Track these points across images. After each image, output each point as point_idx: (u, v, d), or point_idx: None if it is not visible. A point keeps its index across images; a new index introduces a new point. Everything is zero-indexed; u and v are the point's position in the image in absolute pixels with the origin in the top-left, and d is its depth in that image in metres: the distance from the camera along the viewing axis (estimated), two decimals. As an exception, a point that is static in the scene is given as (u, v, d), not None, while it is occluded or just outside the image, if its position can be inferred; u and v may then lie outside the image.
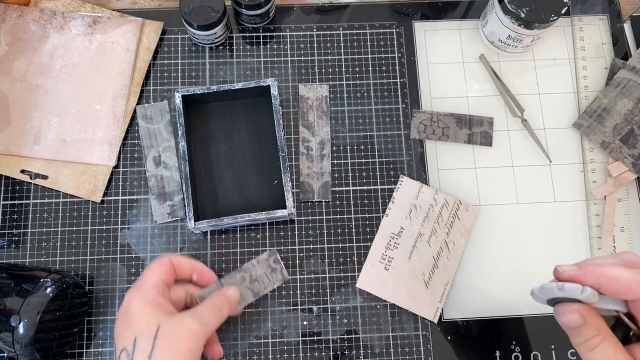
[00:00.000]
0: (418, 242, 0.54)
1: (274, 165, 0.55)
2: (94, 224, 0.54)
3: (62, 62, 0.57)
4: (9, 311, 0.44)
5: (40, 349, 0.45)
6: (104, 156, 0.55)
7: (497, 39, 0.58)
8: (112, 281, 0.53)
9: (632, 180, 0.56)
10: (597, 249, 0.55)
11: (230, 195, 0.55)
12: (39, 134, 0.55)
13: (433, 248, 0.54)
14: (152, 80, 0.58)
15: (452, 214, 0.55)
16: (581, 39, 0.61)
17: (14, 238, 0.53)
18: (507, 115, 0.58)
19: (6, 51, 0.57)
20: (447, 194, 0.55)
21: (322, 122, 0.57)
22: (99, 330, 0.52)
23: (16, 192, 0.54)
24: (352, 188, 0.56)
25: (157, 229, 0.54)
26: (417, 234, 0.54)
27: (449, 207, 0.55)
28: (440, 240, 0.54)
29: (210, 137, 0.56)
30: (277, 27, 0.60)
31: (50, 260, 0.53)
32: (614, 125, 0.57)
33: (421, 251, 0.54)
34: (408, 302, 0.52)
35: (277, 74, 0.59)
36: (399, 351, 0.52)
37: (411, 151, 0.57)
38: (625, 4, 0.62)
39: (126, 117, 0.56)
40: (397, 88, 0.59)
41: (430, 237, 0.54)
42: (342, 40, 0.60)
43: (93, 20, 0.58)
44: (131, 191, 0.55)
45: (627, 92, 0.57)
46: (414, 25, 0.61)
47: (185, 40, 0.59)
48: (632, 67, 0.58)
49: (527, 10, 0.53)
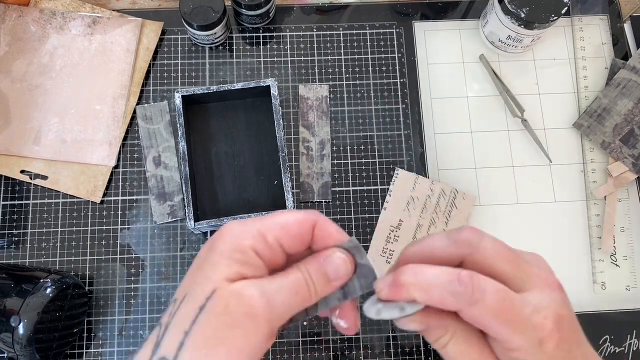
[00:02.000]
0: (418, 233, 0.54)
1: (274, 165, 0.55)
2: (94, 224, 0.54)
3: (62, 62, 0.57)
4: (8, 311, 0.44)
5: (40, 349, 0.44)
6: (103, 156, 0.55)
7: (497, 39, 0.58)
8: (111, 281, 0.53)
9: (632, 181, 0.56)
10: (598, 249, 0.55)
11: (230, 196, 0.55)
12: (39, 134, 0.55)
13: None
14: (152, 80, 0.58)
15: (450, 203, 0.55)
16: (581, 39, 0.61)
17: (13, 238, 0.53)
18: (507, 115, 0.58)
19: (6, 51, 0.56)
20: (443, 184, 0.55)
21: (322, 122, 0.57)
22: (99, 330, 0.52)
23: (16, 192, 0.54)
24: (352, 188, 0.56)
25: (157, 229, 0.54)
26: (416, 226, 0.54)
27: (446, 197, 0.55)
28: (439, 230, 0.54)
29: (210, 137, 0.56)
30: (277, 27, 0.60)
31: (50, 260, 0.53)
32: (614, 125, 0.57)
33: (421, 244, 0.54)
34: None
35: (277, 74, 0.59)
36: (399, 351, 0.52)
37: (411, 151, 0.57)
38: (625, 4, 0.62)
39: (126, 117, 0.56)
40: (397, 88, 0.59)
41: (429, 227, 0.54)
42: (342, 41, 0.60)
43: (93, 20, 0.58)
44: (131, 191, 0.55)
45: (627, 92, 0.57)
46: (414, 25, 0.61)
47: (185, 41, 0.59)
48: (632, 67, 0.58)
49: (527, 10, 0.53)
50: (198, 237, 0.54)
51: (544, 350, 0.28)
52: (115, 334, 0.51)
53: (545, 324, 0.28)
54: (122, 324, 0.52)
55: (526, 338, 0.28)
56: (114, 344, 0.51)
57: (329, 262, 0.31)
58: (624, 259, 0.55)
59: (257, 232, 0.30)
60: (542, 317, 0.28)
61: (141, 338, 0.51)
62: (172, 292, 0.53)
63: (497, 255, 0.30)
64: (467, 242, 0.30)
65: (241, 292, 0.29)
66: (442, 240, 0.31)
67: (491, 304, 0.28)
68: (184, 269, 0.53)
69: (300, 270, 0.31)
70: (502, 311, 0.28)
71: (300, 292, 0.30)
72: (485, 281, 0.28)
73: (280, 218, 0.31)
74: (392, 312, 0.30)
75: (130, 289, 0.53)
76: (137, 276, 0.53)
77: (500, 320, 0.28)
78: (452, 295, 0.28)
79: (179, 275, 0.53)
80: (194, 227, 0.51)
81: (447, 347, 0.31)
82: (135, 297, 0.52)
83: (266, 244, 0.30)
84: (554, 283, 0.30)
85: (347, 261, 0.31)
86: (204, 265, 0.30)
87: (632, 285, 0.54)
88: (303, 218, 0.31)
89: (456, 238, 0.31)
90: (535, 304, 0.28)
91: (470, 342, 0.30)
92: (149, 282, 0.53)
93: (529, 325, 0.28)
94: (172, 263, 0.53)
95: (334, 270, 0.31)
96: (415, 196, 0.55)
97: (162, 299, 0.52)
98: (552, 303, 0.29)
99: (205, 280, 0.29)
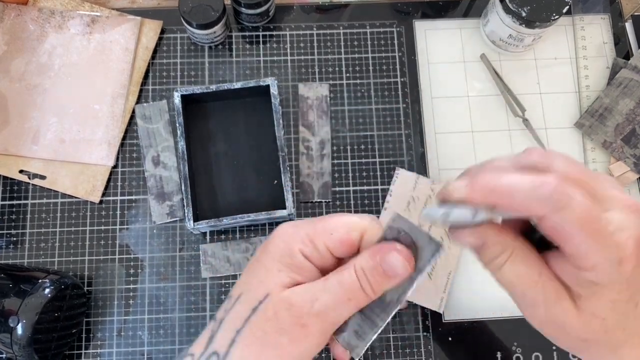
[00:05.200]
0: None
1: (273, 165, 0.55)
2: (93, 224, 0.54)
3: (60, 61, 0.57)
4: (7, 312, 0.44)
5: (38, 349, 0.44)
6: (102, 156, 0.55)
7: (498, 38, 0.58)
8: (110, 282, 0.53)
9: (634, 181, 0.56)
10: (599, 249, 0.55)
11: (229, 196, 0.54)
12: (38, 133, 0.55)
13: None
14: (151, 79, 0.58)
15: None
16: (582, 38, 0.60)
17: (12, 238, 0.53)
18: (508, 115, 0.58)
19: (4, 50, 0.56)
20: None
21: (322, 121, 0.57)
22: (98, 331, 0.51)
23: (14, 192, 0.54)
24: (352, 188, 0.56)
25: (156, 229, 0.54)
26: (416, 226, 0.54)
27: None
28: (440, 230, 0.54)
29: (209, 136, 0.56)
30: (277, 26, 0.60)
31: (49, 260, 0.53)
32: (615, 125, 0.56)
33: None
34: (412, 293, 0.52)
35: (277, 73, 0.58)
36: (399, 352, 0.52)
37: (412, 151, 0.57)
38: (627, 4, 0.61)
39: (125, 116, 0.56)
40: (398, 87, 0.58)
41: (430, 227, 0.54)
42: (342, 40, 0.60)
43: (92, 19, 0.57)
44: (130, 191, 0.55)
45: (629, 92, 0.57)
46: (415, 24, 0.61)
47: (185, 40, 0.59)
48: (634, 66, 0.57)
49: (529, 10, 0.53)
50: (197, 237, 0.54)
51: (622, 270, 0.26)
52: (114, 334, 0.51)
53: (628, 244, 0.26)
54: (120, 324, 0.52)
55: (607, 255, 0.26)
56: (112, 344, 0.51)
57: (386, 261, 0.30)
58: (625, 259, 0.55)
59: (306, 236, 0.30)
60: (625, 236, 0.26)
61: (140, 338, 0.51)
62: (172, 292, 0.52)
63: (573, 176, 0.27)
64: (534, 166, 0.28)
65: (292, 301, 0.29)
66: (507, 167, 0.28)
67: (579, 212, 0.26)
68: (183, 269, 0.53)
69: (355, 270, 0.29)
70: (588, 222, 0.26)
71: (354, 297, 0.29)
72: (573, 188, 0.26)
73: (330, 223, 0.31)
74: (465, 214, 0.27)
75: (129, 289, 0.52)
76: (136, 276, 0.53)
77: (585, 231, 0.26)
78: (537, 199, 0.26)
79: (177, 276, 0.53)
80: (193, 227, 0.50)
81: (504, 268, 0.29)
82: (134, 298, 0.52)
83: (315, 249, 0.30)
84: (633, 205, 0.27)
85: (405, 261, 0.30)
86: (258, 268, 0.31)
87: (634, 286, 0.54)
88: (352, 223, 0.31)
89: (523, 163, 0.28)
90: (618, 222, 0.26)
91: (529, 263, 0.28)
92: (147, 283, 0.53)
93: (612, 242, 0.26)
94: (171, 263, 0.53)
95: (391, 268, 0.30)
96: (416, 196, 0.55)
97: (161, 299, 0.52)
98: (635, 224, 0.27)
99: (259, 283, 0.30)
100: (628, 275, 0.26)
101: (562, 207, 0.26)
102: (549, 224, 0.26)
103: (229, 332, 0.30)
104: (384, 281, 0.30)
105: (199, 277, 0.53)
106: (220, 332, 0.30)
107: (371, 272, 0.30)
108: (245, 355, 0.29)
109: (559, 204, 0.26)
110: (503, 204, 0.27)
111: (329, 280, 0.30)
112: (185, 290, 0.53)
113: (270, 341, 0.29)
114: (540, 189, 0.26)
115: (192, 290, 0.53)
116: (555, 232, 0.27)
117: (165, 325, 0.52)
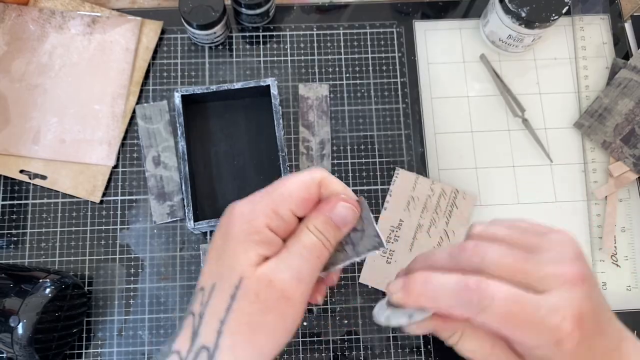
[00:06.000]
0: (418, 234, 0.54)
1: (273, 165, 0.55)
2: (93, 224, 0.54)
3: (61, 61, 0.57)
4: (8, 312, 0.44)
5: (39, 349, 0.44)
6: (103, 156, 0.55)
7: (497, 39, 0.58)
8: (111, 282, 0.53)
9: (633, 181, 0.56)
10: (599, 249, 0.55)
11: (229, 196, 0.55)
12: (38, 134, 0.55)
13: (433, 238, 0.54)
14: (152, 79, 0.58)
15: (450, 203, 0.55)
16: (582, 38, 0.60)
17: (12, 238, 0.53)
18: (507, 115, 0.58)
19: (5, 51, 0.56)
20: (444, 184, 0.55)
21: (322, 122, 0.57)
22: (98, 330, 0.51)
23: (15, 192, 0.54)
24: (353, 188, 0.56)
25: (157, 229, 0.54)
26: (416, 226, 0.54)
27: (447, 197, 0.55)
28: (439, 230, 0.54)
29: (209, 137, 0.56)
30: (277, 26, 0.60)
31: (49, 260, 0.53)
32: (615, 125, 0.57)
33: (422, 242, 0.54)
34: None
35: (277, 73, 0.58)
36: (399, 352, 0.52)
37: (411, 151, 0.57)
38: (626, 4, 0.62)
39: (125, 117, 0.56)
40: (398, 88, 0.59)
41: (429, 227, 0.54)
42: (342, 40, 0.60)
43: (92, 19, 0.58)
44: (130, 191, 0.55)
45: (628, 92, 0.57)
46: (415, 24, 0.61)
47: (185, 40, 0.59)
48: (633, 66, 0.57)
49: (528, 10, 0.53)
50: (197, 237, 0.54)
51: (562, 350, 0.27)
52: (114, 334, 0.51)
53: (563, 325, 0.27)
54: (121, 324, 0.52)
55: (542, 339, 0.27)
56: (113, 344, 0.51)
57: (335, 213, 0.31)
58: (624, 259, 0.55)
59: (268, 208, 0.30)
60: (559, 318, 0.27)
61: (140, 338, 0.51)
62: (172, 292, 0.53)
63: (504, 269, 0.29)
64: (468, 263, 0.29)
65: (270, 277, 0.29)
66: (445, 260, 0.31)
67: (500, 311, 0.27)
68: (184, 269, 0.53)
69: (311, 232, 0.31)
70: (511, 316, 0.27)
71: (321, 254, 0.31)
72: (495, 286, 0.27)
73: (286, 187, 0.31)
74: (401, 319, 0.31)
75: (129, 289, 0.52)
76: (137, 276, 0.53)
77: (510, 325, 0.27)
78: (460, 304, 0.28)
79: (178, 275, 0.53)
80: (194, 227, 0.50)
81: (458, 345, 0.31)
82: (134, 297, 0.52)
83: (280, 218, 0.30)
84: (573, 277, 0.28)
85: (352, 207, 0.31)
86: (224, 254, 0.30)
87: (633, 286, 0.54)
88: (309, 181, 0.31)
89: (458, 259, 0.30)
90: (551, 305, 0.27)
91: (480, 339, 0.30)
92: (148, 282, 0.53)
93: (543, 327, 0.27)
94: (171, 263, 0.53)
95: (342, 218, 0.31)
96: (416, 196, 0.55)
97: (161, 299, 0.52)
98: (571, 302, 0.27)
99: (231, 270, 0.29)
100: (571, 352, 0.27)
101: (482, 309, 0.27)
102: (477, 322, 0.28)
103: (213, 324, 0.29)
104: (336, 232, 0.31)
105: (199, 277, 0.53)
106: (203, 326, 0.30)
107: (325, 228, 0.31)
108: (235, 344, 0.29)
109: (480, 306, 0.27)
110: (432, 308, 0.29)
111: (294, 247, 0.30)
112: (186, 290, 0.53)
113: (258, 323, 0.29)
114: (461, 293, 0.28)
115: (193, 290, 0.53)
116: (485, 328, 0.28)
117: (166, 325, 0.52)
